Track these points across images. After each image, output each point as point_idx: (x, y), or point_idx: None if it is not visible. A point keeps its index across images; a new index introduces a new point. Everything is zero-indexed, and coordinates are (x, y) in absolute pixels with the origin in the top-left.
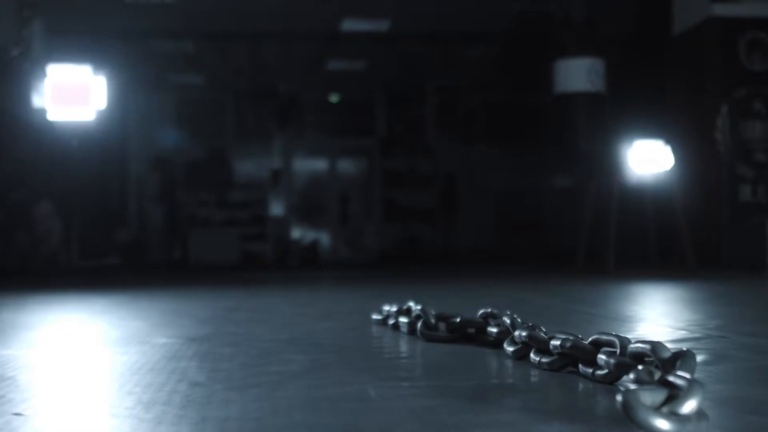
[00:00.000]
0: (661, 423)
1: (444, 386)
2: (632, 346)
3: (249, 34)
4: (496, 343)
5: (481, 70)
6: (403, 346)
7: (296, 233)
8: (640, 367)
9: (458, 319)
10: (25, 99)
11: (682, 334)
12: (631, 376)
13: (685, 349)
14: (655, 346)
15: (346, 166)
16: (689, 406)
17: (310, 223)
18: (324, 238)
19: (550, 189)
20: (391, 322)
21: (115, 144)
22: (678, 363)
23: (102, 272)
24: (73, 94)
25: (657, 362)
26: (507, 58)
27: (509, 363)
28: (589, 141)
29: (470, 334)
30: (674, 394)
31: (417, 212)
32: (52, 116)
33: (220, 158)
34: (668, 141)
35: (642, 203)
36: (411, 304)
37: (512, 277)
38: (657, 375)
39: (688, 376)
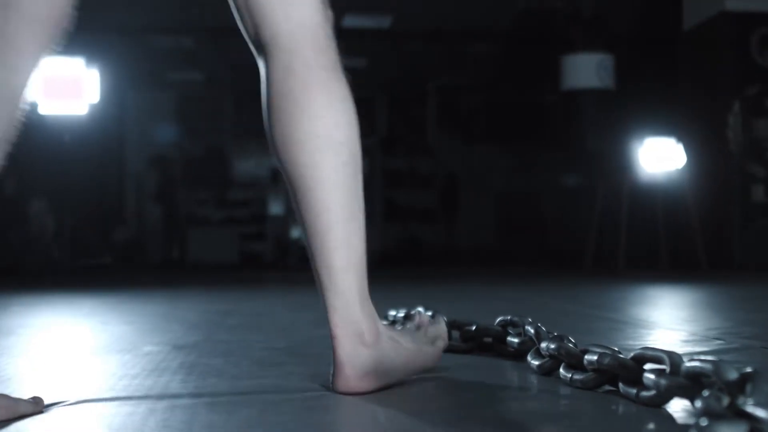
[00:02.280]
0: None
1: (464, 408)
2: (688, 364)
3: None
4: (517, 354)
5: (484, 69)
6: None
7: (296, 232)
8: (706, 392)
9: (474, 327)
10: None
11: (718, 344)
12: (699, 404)
13: (751, 369)
14: (718, 365)
15: None
16: None
17: None
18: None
19: (553, 188)
20: (398, 328)
21: (113, 141)
22: (748, 387)
23: (97, 272)
24: (64, 87)
25: (720, 385)
26: (510, 56)
27: (534, 379)
28: (597, 138)
29: (487, 344)
30: (757, 430)
31: (417, 212)
32: (43, 110)
33: (219, 156)
34: (679, 139)
35: (652, 202)
36: (420, 309)
37: (518, 278)
38: (725, 402)
39: None
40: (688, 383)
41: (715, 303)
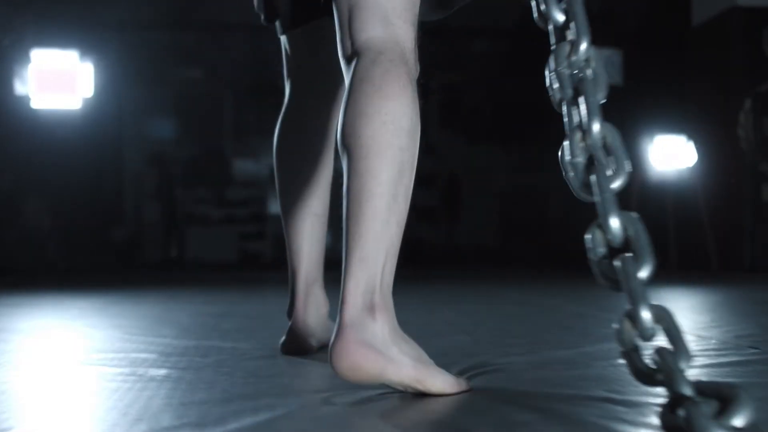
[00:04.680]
0: None
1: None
2: None
3: (249, 26)
4: None
5: (488, 66)
6: None
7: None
8: None
9: None
10: (14, 88)
11: (753, 353)
12: None
13: None
14: None
15: None
16: None
17: None
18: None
19: (557, 188)
20: None
21: (110, 138)
22: None
23: (92, 271)
24: (58, 80)
25: None
26: (515, 53)
27: (560, 403)
28: None
29: None
30: None
31: (419, 211)
32: (35, 104)
33: (218, 155)
34: (689, 137)
35: (661, 201)
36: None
37: (525, 280)
38: None
39: None
40: None
41: (735, 307)
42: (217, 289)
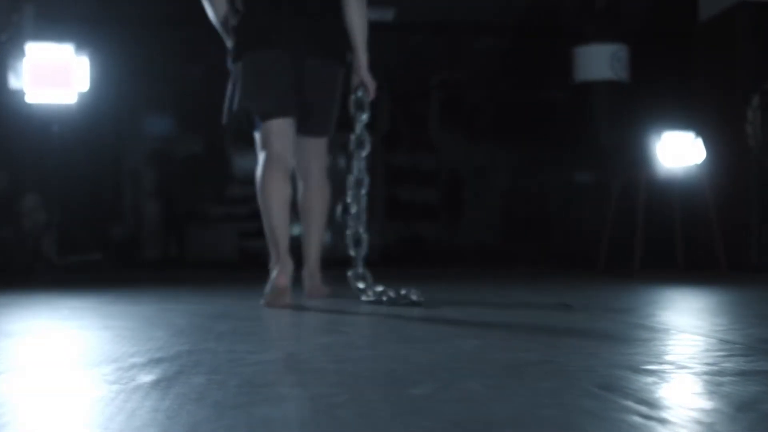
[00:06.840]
0: None
1: None
2: None
3: None
4: None
5: (490, 63)
6: (440, 372)
7: (296, 230)
8: None
9: None
10: (8, 83)
11: None
12: None
13: None
14: None
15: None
16: None
17: None
18: (324, 236)
19: (561, 186)
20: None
21: (109, 136)
22: None
23: (90, 269)
24: (52, 74)
25: None
26: (518, 49)
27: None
28: (611, 132)
29: None
30: None
31: (420, 210)
32: (30, 98)
33: (218, 152)
34: (697, 133)
35: (667, 200)
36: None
37: (530, 280)
38: None
39: None
40: None
41: (751, 308)
42: (216, 288)
